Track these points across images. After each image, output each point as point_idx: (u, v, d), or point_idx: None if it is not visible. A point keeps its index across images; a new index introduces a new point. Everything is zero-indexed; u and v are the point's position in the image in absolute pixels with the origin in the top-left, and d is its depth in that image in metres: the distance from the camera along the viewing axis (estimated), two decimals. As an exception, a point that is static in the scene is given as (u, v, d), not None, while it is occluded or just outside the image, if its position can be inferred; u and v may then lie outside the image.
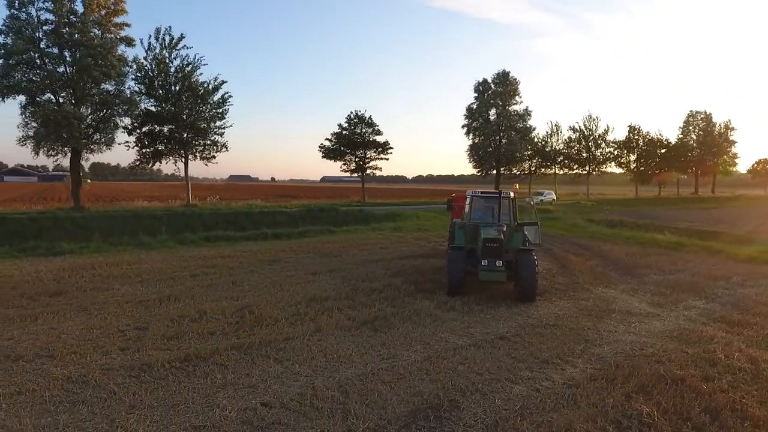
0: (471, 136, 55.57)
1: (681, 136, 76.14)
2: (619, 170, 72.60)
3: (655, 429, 5.11)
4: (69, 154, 29.55)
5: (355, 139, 43.92)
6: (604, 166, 65.75)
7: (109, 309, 9.59)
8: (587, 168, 64.69)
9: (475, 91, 55.09)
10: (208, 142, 34.12)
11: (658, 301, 11.05)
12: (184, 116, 32.63)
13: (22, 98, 27.39)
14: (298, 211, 32.79)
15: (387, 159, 45.40)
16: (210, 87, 33.11)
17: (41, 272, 13.18)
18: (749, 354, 7.29)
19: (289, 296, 10.77)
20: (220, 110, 33.92)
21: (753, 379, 6.45)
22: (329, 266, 14.71)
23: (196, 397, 5.84)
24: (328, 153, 44.40)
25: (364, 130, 44.04)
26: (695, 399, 5.74)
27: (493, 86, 54.35)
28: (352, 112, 43.40)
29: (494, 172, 56.03)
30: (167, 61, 31.78)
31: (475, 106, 55.00)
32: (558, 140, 62.94)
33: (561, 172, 66.04)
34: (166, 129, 33.07)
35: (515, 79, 54.03)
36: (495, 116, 54.42)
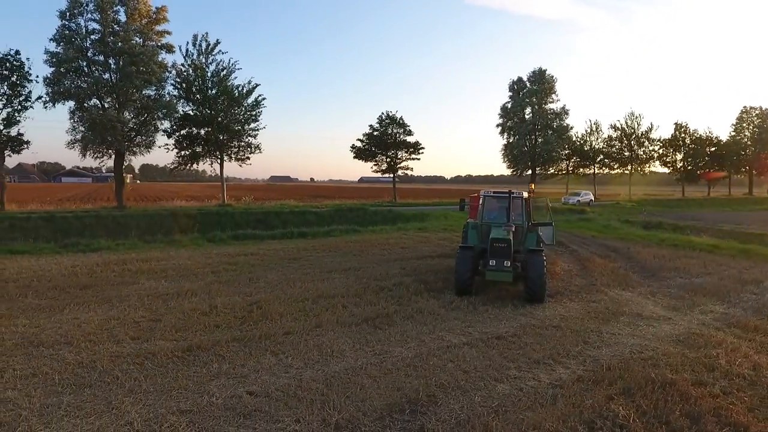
0: (505, 135, 54.78)
1: (734, 133, 72.14)
2: (664, 170, 69.67)
3: (628, 430, 5.04)
4: (113, 156, 31.24)
5: (386, 140, 44.20)
6: (648, 165, 63.14)
7: (130, 302, 10.20)
8: (629, 167, 62.38)
9: (510, 90, 54.32)
10: (242, 143, 35.22)
11: (675, 304, 10.68)
12: (220, 119, 33.84)
13: (70, 104, 29.19)
14: (327, 211, 33.38)
15: (418, 159, 45.50)
16: (244, 90, 34.18)
17: (77, 267, 14.09)
18: (754, 360, 6.99)
19: (300, 293, 11.10)
20: (254, 113, 34.95)
21: (750, 385, 6.20)
22: (347, 265, 15.00)
23: (189, 384, 6.20)
24: (360, 153, 44.91)
25: (395, 131, 44.27)
26: (679, 403, 5.60)
27: (528, 84, 53.37)
28: (383, 113, 43.84)
29: (529, 172, 54.94)
30: (204, 66, 33.04)
31: (509, 105, 54.18)
32: (597, 139, 61.07)
33: (601, 171, 64.02)
34: (203, 132, 34.38)
35: (552, 76, 52.93)
36: (530, 115, 53.39)
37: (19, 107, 28.43)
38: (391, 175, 47.53)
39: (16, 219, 23.62)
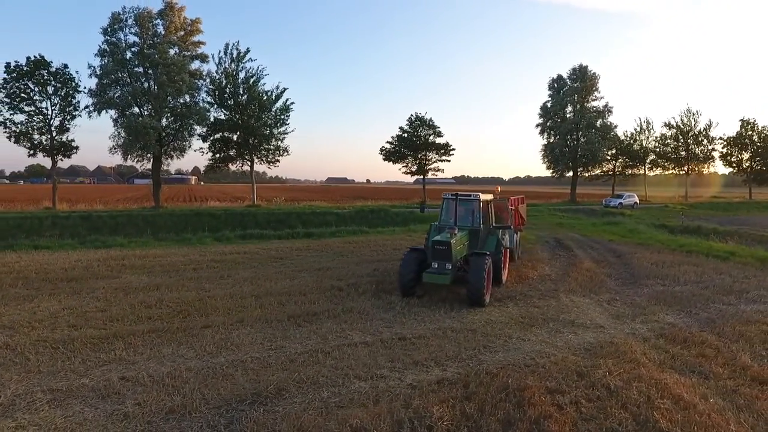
0: (545, 135, 53.04)
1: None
2: (728, 170, 64.56)
3: (434, 431, 5.10)
4: (152, 160, 33.62)
5: (416, 141, 44.25)
6: (706, 165, 58.77)
7: (96, 294, 11.20)
8: (685, 168, 58.38)
9: (550, 89, 52.53)
10: (271, 147, 36.65)
11: (623, 313, 10.21)
12: (251, 122, 35.40)
13: (112, 112, 31.75)
14: (348, 212, 34.03)
15: (449, 161, 45.15)
16: (273, 96, 35.57)
17: (80, 261, 15.52)
18: (637, 373, 6.62)
19: (252, 290, 11.67)
20: (282, 117, 36.27)
21: (608, 397, 5.94)
22: (324, 264, 15.45)
23: (80, 368, 6.87)
24: (389, 155, 45.25)
25: (424, 132, 44.22)
26: (510, 408, 5.54)
27: (569, 82, 51.40)
28: (412, 114, 43.93)
29: (570, 173, 52.87)
30: (235, 73, 34.74)
31: (549, 104, 52.41)
32: (648, 138, 57.64)
33: (653, 172, 60.41)
34: (234, 136, 36.13)
35: (594, 73, 50.62)
36: (571, 114, 51.39)
37: (70, 116, 31.33)
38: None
39: (59, 217, 26.11)
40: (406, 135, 44.64)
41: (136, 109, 32.13)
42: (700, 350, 7.75)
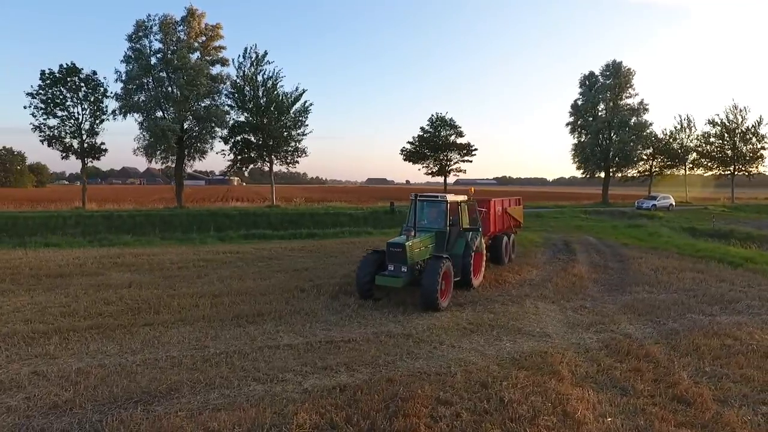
0: (576, 134, 51.18)
1: None
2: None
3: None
4: (175, 161, 34.89)
5: (437, 142, 43.75)
6: (755, 165, 54.90)
7: (68, 290, 11.66)
8: (732, 168, 54.80)
9: (581, 86, 50.62)
10: (290, 148, 37.21)
11: (583, 321, 9.65)
12: (270, 125, 36.05)
13: (137, 115, 33.16)
14: (362, 213, 34.04)
15: (470, 161, 44.37)
16: (291, 98, 36.09)
17: (77, 258, 16.24)
18: (557, 391, 6.20)
19: (218, 289, 11.84)
20: (301, 118, 36.76)
21: (496, 410, 5.59)
22: (307, 265, 15.52)
23: (3, 362, 7.16)
24: (409, 156, 44.95)
25: (446, 132, 43.65)
26: (381, 419, 5.32)
27: (601, 79, 49.37)
28: (433, 114, 43.48)
29: (603, 174, 50.77)
30: (254, 77, 35.50)
31: (580, 102, 50.53)
32: (690, 136, 54.51)
33: (696, 172, 57.07)
34: (254, 138, 36.91)
35: (629, 69, 48.38)
36: (604, 112, 49.34)
37: (99, 120, 33.00)
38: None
39: (82, 216, 27.53)
40: (427, 135, 44.23)
41: (160, 113, 33.38)
42: (637, 364, 7.20)
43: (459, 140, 43.88)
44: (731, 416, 5.55)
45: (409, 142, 45.09)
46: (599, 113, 49.76)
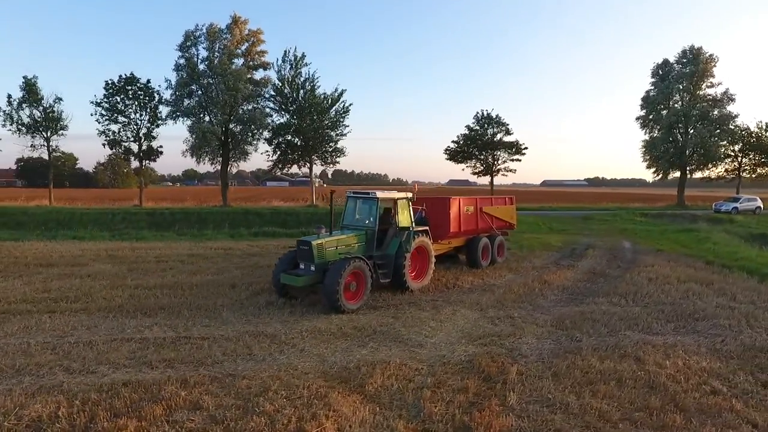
0: (647, 130, 46.41)
1: None
2: None
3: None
4: (221, 163, 36.90)
5: (484, 140, 41.93)
6: None
7: (45, 277, 12.67)
8: None
9: (653, 76, 45.69)
10: (330, 149, 37.73)
11: (482, 333, 8.59)
12: (311, 126, 36.79)
13: (186, 120, 35.50)
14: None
15: (519, 160, 41.93)
16: (330, 100, 36.56)
17: (85, 251, 17.65)
18: (334, 406, 5.55)
19: (158, 283, 12.21)
20: (340, 119, 37.13)
21: (237, 418, 5.11)
22: (273, 262, 15.56)
23: None
24: (453, 155, 43.51)
25: (494, 130, 41.71)
26: (104, 419, 5.09)
27: (677, 67, 44.30)
28: (478, 112, 41.71)
29: (678, 173, 45.55)
30: (293, 79, 36.45)
31: (652, 94, 45.73)
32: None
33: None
34: (296, 140, 37.87)
35: (711, 55, 42.87)
36: (679, 103, 44.25)
37: (155, 125, 35.87)
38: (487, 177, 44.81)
39: (129, 213, 30.01)
40: (472, 133, 42.58)
41: (207, 117, 35.46)
42: (467, 384, 6.24)
43: (507, 138, 41.71)
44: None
45: (453, 141, 43.77)
46: (675, 105, 44.68)
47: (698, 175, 46.63)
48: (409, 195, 12.43)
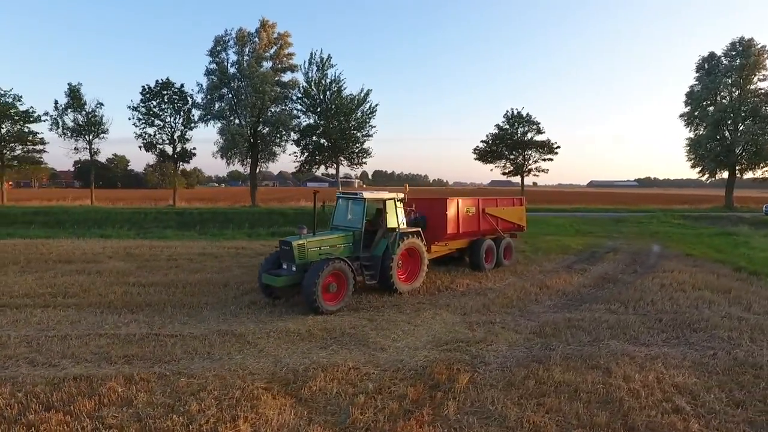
0: (691, 127, 43.86)
1: None
2: None
3: None
4: (250, 164, 37.82)
5: (515, 139, 40.84)
6: None
7: (56, 273, 13.35)
8: None
9: (698, 71, 43.16)
10: (356, 149, 37.92)
11: (454, 338, 8.29)
12: (337, 127, 37.15)
13: (217, 122, 36.61)
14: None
15: (551, 159, 40.54)
16: (356, 101, 36.75)
17: (106, 248, 18.46)
18: (257, 408, 5.48)
19: (157, 281, 12.56)
20: (366, 119, 37.26)
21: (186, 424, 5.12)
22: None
23: None
24: (483, 155, 42.58)
25: (524, 129, 40.55)
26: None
27: (725, 60, 41.63)
28: (508, 110, 40.61)
29: (726, 173, 42.75)
30: (320, 81, 36.90)
31: (698, 89, 43.17)
32: None
33: None
34: (323, 141, 38.32)
35: (764, 47, 40.00)
36: (727, 99, 41.55)
37: (188, 128, 37.24)
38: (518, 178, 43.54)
39: (161, 213, 31.23)
40: (502, 132, 41.55)
41: (237, 120, 36.46)
42: (405, 391, 6.02)
43: (538, 137, 40.47)
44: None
45: (482, 141, 42.88)
46: (723, 101, 42.00)
47: (749, 175, 43.64)
48: (400, 195, 12.21)
